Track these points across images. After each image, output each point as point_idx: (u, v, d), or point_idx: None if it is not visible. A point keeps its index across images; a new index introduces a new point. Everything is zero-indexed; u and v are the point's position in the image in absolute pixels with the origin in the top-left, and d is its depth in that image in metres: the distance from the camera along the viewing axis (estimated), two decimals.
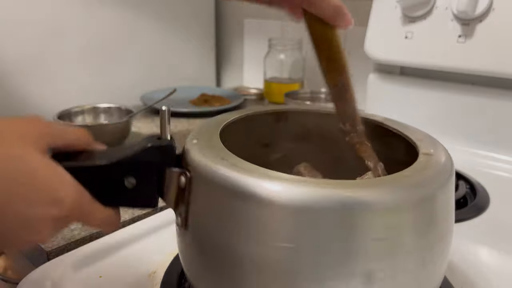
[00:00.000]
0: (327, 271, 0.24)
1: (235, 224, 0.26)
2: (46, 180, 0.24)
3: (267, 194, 0.24)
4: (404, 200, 0.25)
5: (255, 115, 0.38)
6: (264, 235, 0.25)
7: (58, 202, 0.24)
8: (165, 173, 0.30)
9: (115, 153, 0.29)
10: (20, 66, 0.82)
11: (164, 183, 0.30)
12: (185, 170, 0.29)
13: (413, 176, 0.26)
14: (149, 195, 0.30)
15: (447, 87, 0.71)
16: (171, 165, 0.30)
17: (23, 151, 0.24)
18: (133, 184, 0.29)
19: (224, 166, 0.26)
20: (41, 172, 0.24)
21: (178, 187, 0.30)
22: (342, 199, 0.24)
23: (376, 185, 0.25)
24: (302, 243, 0.24)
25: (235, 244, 0.26)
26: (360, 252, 0.24)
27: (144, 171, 0.29)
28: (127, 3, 0.96)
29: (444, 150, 0.31)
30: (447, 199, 0.28)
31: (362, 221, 0.24)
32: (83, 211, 0.27)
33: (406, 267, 0.26)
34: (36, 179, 0.24)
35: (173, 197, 0.30)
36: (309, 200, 0.24)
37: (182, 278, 0.37)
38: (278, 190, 0.24)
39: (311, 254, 0.24)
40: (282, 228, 0.25)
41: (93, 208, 0.28)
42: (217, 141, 0.30)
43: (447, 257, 0.29)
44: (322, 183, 0.25)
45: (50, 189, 0.24)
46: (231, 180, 0.25)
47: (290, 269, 0.25)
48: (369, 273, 0.25)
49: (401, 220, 0.25)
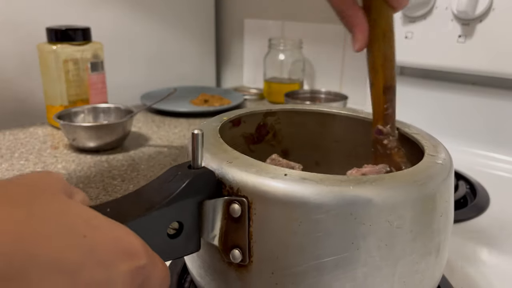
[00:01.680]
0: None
1: (319, 242, 0.24)
2: (112, 232, 0.20)
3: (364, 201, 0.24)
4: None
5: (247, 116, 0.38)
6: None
7: (134, 252, 0.20)
8: (204, 206, 0.26)
9: (150, 197, 0.24)
10: (20, 66, 0.82)
11: (203, 218, 0.26)
12: (238, 197, 0.25)
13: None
14: (193, 238, 0.26)
15: (447, 87, 0.71)
16: (213, 196, 0.26)
17: (71, 205, 0.19)
18: (175, 229, 0.25)
19: (291, 182, 0.24)
20: (100, 224, 0.20)
21: (227, 218, 0.26)
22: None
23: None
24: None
25: (318, 264, 0.24)
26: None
27: (187, 211, 0.25)
28: (127, 3, 0.96)
29: (444, 149, 0.31)
30: (446, 197, 0.28)
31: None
32: (153, 260, 0.22)
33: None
34: (102, 234, 0.19)
35: (220, 231, 0.26)
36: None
37: (182, 278, 0.37)
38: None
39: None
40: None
41: (155, 257, 0.22)
42: (241, 154, 0.28)
43: (445, 254, 0.29)
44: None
45: (120, 241, 0.20)
46: (307, 195, 0.24)
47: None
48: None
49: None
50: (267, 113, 0.40)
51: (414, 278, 0.27)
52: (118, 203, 0.23)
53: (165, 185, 0.24)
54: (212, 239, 0.26)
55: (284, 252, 0.25)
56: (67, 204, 0.19)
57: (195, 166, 0.25)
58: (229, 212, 0.25)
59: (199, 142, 0.25)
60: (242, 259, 0.26)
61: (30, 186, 0.20)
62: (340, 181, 0.24)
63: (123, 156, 0.66)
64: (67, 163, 0.62)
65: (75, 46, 0.74)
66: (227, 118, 0.36)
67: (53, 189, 0.20)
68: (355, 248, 0.24)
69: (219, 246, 0.26)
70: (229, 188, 0.25)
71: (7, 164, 0.61)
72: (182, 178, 0.24)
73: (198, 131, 0.25)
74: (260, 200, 0.25)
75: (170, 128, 0.81)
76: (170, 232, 0.24)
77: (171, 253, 0.25)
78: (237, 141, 0.38)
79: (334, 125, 0.40)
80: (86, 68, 0.76)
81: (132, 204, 0.23)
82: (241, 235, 0.25)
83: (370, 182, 0.25)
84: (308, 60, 1.02)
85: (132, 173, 0.60)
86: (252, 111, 0.39)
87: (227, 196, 0.25)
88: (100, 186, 0.55)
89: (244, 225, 0.25)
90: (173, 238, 0.25)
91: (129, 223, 0.21)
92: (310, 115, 0.41)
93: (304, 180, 0.24)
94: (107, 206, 0.23)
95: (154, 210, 0.23)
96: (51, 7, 0.84)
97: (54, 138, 0.73)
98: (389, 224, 0.24)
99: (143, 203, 0.23)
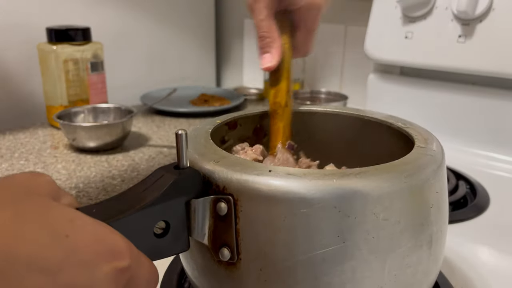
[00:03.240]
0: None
1: (305, 237, 0.24)
2: (95, 232, 0.19)
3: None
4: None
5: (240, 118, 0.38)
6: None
7: (117, 252, 0.20)
8: (191, 206, 0.26)
9: (136, 197, 0.24)
10: (20, 66, 0.82)
11: (191, 217, 0.26)
12: (224, 195, 0.25)
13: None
14: (180, 237, 0.26)
15: (447, 87, 0.71)
16: (200, 195, 0.26)
17: (55, 206, 0.19)
18: (162, 228, 0.25)
19: (276, 177, 0.24)
20: (84, 224, 0.19)
21: (215, 217, 0.26)
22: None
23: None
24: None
25: (306, 259, 0.24)
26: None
27: (174, 210, 0.25)
28: (127, 3, 0.96)
29: (435, 141, 0.31)
30: (437, 188, 0.28)
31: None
32: (138, 260, 0.21)
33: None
34: (85, 234, 0.19)
35: (209, 230, 0.26)
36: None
37: (182, 278, 0.37)
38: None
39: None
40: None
41: (141, 257, 0.22)
42: (229, 154, 0.28)
43: (440, 248, 0.29)
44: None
45: (103, 241, 0.20)
46: (292, 190, 0.24)
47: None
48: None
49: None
50: (263, 115, 0.40)
51: (406, 272, 0.26)
52: (104, 205, 0.24)
53: (151, 185, 0.25)
54: (202, 238, 0.26)
55: (271, 248, 0.25)
56: (51, 206, 0.19)
57: (181, 166, 0.26)
58: (216, 210, 0.25)
59: (183, 142, 0.25)
60: (231, 257, 0.26)
61: (15, 188, 0.20)
62: (323, 175, 0.24)
63: (123, 156, 0.66)
64: (67, 163, 0.62)
65: (75, 46, 0.74)
66: (220, 121, 0.36)
67: (39, 191, 0.20)
68: (341, 242, 0.24)
69: (208, 245, 0.27)
70: (215, 186, 0.26)
71: (7, 164, 0.61)
72: (167, 179, 0.25)
73: (181, 131, 0.25)
74: (245, 197, 0.25)
75: (170, 128, 0.81)
76: (157, 232, 0.24)
77: (159, 253, 0.25)
78: (234, 144, 0.38)
79: (334, 125, 0.40)
80: (86, 68, 0.76)
81: (118, 204, 0.24)
82: (229, 233, 0.26)
83: (354, 174, 0.25)
84: (308, 60, 1.02)
85: (132, 173, 0.60)
86: (248, 113, 0.39)
87: (214, 195, 0.26)
88: (100, 186, 0.55)
89: (231, 223, 0.25)
90: (160, 238, 0.25)
91: (114, 223, 0.22)
92: (308, 115, 0.41)
93: (288, 175, 0.24)
94: (93, 208, 0.23)
95: (140, 209, 0.23)
96: (51, 7, 0.84)
97: (54, 138, 0.73)
98: (375, 216, 0.24)
99: (129, 203, 0.24)
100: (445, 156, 0.30)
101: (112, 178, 0.58)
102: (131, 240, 0.21)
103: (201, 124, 0.35)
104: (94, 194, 0.53)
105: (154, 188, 0.24)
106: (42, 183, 0.21)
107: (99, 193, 0.53)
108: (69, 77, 0.74)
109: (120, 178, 0.58)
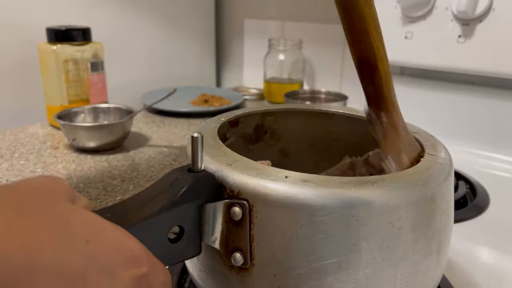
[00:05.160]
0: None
1: (322, 244, 0.24)
2: (114, 238, 0.19)
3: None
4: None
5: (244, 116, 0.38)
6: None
7: (136, 259, 0.20)
8: (204, 210, 0.25)
9: (151, 202, 0.24)
10: (20, 66, 0.82)
11: (203, 221, 0.25)
12: (239, 199, 0.25)
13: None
14: (194, 241, 0.25)
15: (447, 87, 0.71)
16: (213, 199, 0.25)
17: (75, 211, 0.19)
18: (176, 233, 0.24)
19: (293, 184, 0.24)
20: (103, 229, 0.19)
21: (228, 221, 0.25)
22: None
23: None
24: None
25: (321, 267, 0.24)
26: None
27: (188, 215, 0.24)
28: (127, 3, 0.96)
29: (443, 148, 0.31)
30: (447, 196, 0.28)
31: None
32: (155, 266, 0.21)
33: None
34: (105, 240, 0.19)
35: (221, 234, 0.26)
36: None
37: (182, 278, 0.37)
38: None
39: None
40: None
41: (157, 263, 0.22)
42: (241, 156, 0.27)
43: (446, 253, 0.29)
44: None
45: (122, 248, 0.19)
46: (308, 197, 0.23)
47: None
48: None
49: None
50: (264, 113, 0.40)
51: (416, 279, 0.26)
52: (118, 208, 0.23)
53: (166, 189, 0.24)
54: (213, 242, 0.26)
55: (286, 255, 0.25)
56: (71, 210, 0.19)
57: (195, 169, 0.25)
58: (230, 215, 0.25)
59: (199, 145, 0.25)
60: (244, 262, 0.25)
61: (36, 194, 0.20)
62: (341, 183, 0.24)
63: (123, 156, 0.66)
64: (67, 163, 0.62)
65: (75, 46, 0.74)
66: (225, 119, 0.36)
67: (58, 195, 0.20)
68: (357, 250, 0.24)
69: (220, 249, 0.26)
70: (229, 191, 0.25)
71: (7, 164, 0.61)
72: (182, 182, 0.24)
73: (197, 134, 0.24)
74: (261, 203, 0.24)
75: (170, 128, 0.81)
76: (171, 237, 0.24)
77: (172, 258, 0.25)
78: (236, 141, 0.38)
79: (333, 125, 0.40)
80: (86, 68, 0.76)
81: (133, 209, 0.23)
82: (242, 238, 0.25)
83: (372, 183, 0.25)
84: (308, 60, 1.02)
85: (132, 173, 0.60)
86: (250, 111, 0.39)
87: (228, 199, 0.25)
88: (100, 186, 0.55)
89: (245, 228, 0.25)
90: (174, 243, 0.24)
91: (130, 229, 0.21)
92: (308, 115, 0.41)
93: (305, 182, 0.24)
94: (107, 212, 0.22)
95: (155, 215, 0.23)
96: (51, 7, 0.84)
97: (54, 138, 0.73)
98: (390, 225, 0.24)
99: (144, 208, 0.23)
100: (453, 164, 0.30)
101: (112, 178, 0.58)
102: (146, 245, 0.21)
103: (205, 122, 0.35)
104: (94, 194, 0.53)
105: (170, 192, 0.24)
106: (58, 186, 0.21)
107: (99, 193, 0.53)
108: (69, 77, 0.74)
109: (120, 178, 0.58)
